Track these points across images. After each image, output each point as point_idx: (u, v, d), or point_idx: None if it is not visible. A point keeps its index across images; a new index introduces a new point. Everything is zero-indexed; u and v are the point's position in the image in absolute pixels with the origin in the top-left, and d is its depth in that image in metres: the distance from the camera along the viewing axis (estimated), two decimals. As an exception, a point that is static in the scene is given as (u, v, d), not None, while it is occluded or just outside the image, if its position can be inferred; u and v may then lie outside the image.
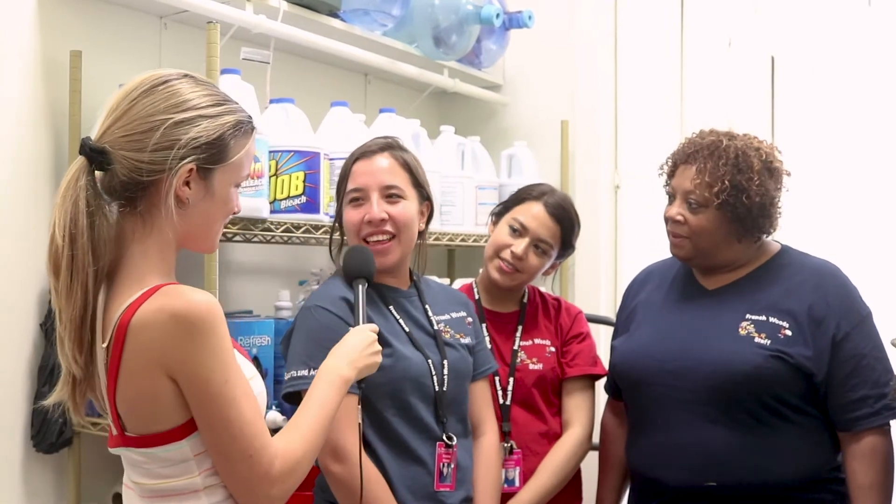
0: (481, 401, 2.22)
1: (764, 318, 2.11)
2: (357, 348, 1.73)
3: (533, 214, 2.37)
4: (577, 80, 3.51)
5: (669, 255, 2.35)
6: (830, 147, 4.21)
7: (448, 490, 2.04)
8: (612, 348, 2.36)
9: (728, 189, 2.09)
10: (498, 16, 3.20)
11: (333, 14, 2.81)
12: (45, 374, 2.30)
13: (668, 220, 2.21)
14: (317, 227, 2.47)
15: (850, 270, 2.22)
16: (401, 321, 2.05)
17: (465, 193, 3.14)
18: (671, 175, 2.23)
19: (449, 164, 3.11)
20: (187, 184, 1.47)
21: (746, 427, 2.07)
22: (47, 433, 2.29)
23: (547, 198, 2.39)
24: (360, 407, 1.83)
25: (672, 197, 2.22)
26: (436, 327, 2.12)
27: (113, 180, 1.45)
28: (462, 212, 3.12)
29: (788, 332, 2.08)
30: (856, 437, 2.09)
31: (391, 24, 2.97)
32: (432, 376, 2.04)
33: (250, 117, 1.56)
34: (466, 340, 2.18)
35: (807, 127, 4.27)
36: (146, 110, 1.45)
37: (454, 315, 2.19)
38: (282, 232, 2.40)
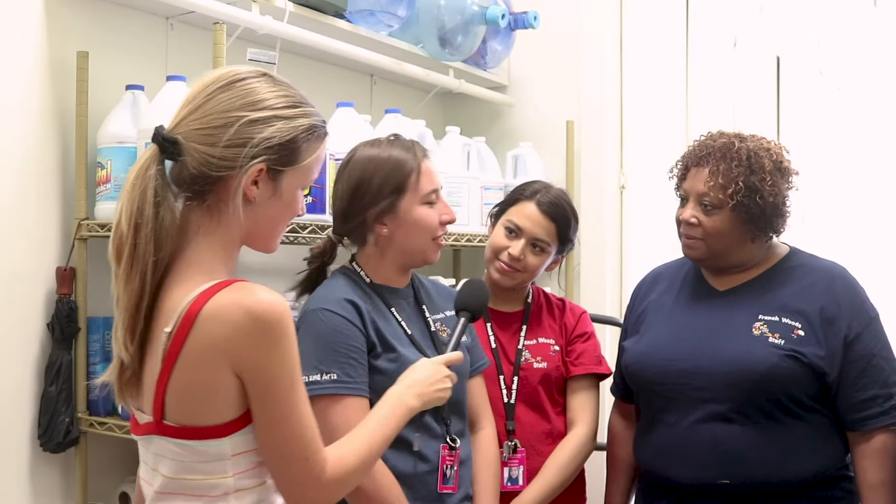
0: (478, 396, 2.21)
1: (776, 318, 2.12)
2: (426, 381, 1.75)
3: (527, 214, 2.37)
4: (583, 81, 3.51)
5: (676, 257, 2.36)
6: (835, 147, 4.21)
7: (451, 491, 2.05)
8: (623, 349, 2.36)
9: (742, 190, 2.10)
10: (503, 16, 3.20)
11: (339, 15, 2.81)
12: (52, 374, 2.31)
13: (682, 222, 2.21)
14: (323, 228, 2.47)
15: (854, 271, 2.23)
16: (403, 323, 2.05)
17: (470, 194, 3.14)
18: (682, 178, 2.23)
19: (454, 164, 3.12)
20: (255, 183, 1.47)
21: (760, 425, 2.08)
22: (54, 432, 2.30)
23: (540, 196, 2.38)
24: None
25: (684, 199, 2.22)
26: (433, 328, 2.11)
27: (182, 172, 1.46)
28: (468, 212, 3.13)
29: (801, 333, 2.10)
30: (865, 436, 2.10)
31: (397, 25, 2.98)
32: None
33: (324, 122, 1.55)
34: (463, 339, 2.17)
35: (812, 127, 4.27)
36: (222, 105, 1.45)
37: (448, 314, 2.18)
38: (288, 232, 2.41)
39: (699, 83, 3.84)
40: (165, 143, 1.45)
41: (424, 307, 2.13)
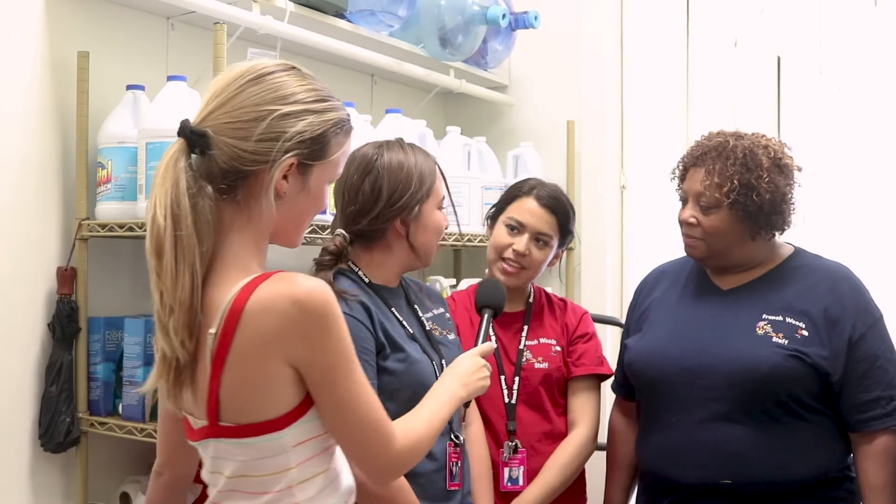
0: None
1: (780, 318, 2.12)
2: (468, 372, 1.77)
3: (528, 210, 2.39)
4: (583, 81, 3.51)
5: (676, 256, 2.36)
6: (836, 148, 4.21)
7: (457, 488, 2.06)
8: (625, 347, 2.36)
9: (738, 188, 2.10)
10: (504, 16, 3.20)
11: (340, 15, 2.81)
12: (53, 374, 2.31)
13: (682, 223, 2.21)
14: (322, 228, 2.47)
15: (856, 272, 2.22)
16: (404, 323, 2.05)
17: (471, 194, 3.15)
18: (682, 178, 2.24)
19: (455, 164, 3.12)
20: (285, 177, 1.45)
21: (763, 425, 2.08)
22: (55, 432, 2.30)
23: (538, 191, 2.40)
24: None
25: (685, 201, 2.22)
26: (427, 327, 2.12)
27: (212, 166, 1.42)
28: (468, 212, 3.13)
29: (805, 333, 2.09)
30: (868, 437, 2.10)
31: (397, 25, 2.98)
32: (436, 377, 2.02)
33: (349, 116, 1.55)
34: (452, 336, 2.19)
35: (812, 127, 4.27)
36: (253, 99, 1.43)
37: (436, 312, 2.19)
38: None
39: (700, 83, 3.84)
40: (194, 137, 1.41)
41: (416, 306, 2.13)
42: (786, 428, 2.08)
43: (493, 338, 2.39)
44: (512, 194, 2.44)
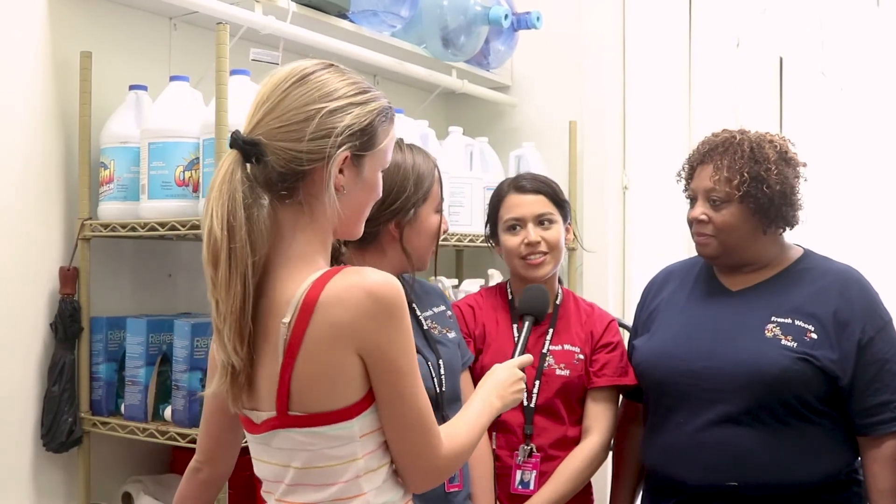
0: (466, 392, 2.18)
1: (789, 320, 2.11)
2: (504, 384, 1.77)
3: (517, 203, 2.40)
4: (585, 81, 3.51)
5: (679, 257, 2.36)
6: (838, 148, 4.21)
7: (457, 489, 2.04)
8: (633, 348, 2.35)
9: (748, 181, 2.10)
10: (506, 17, 3.20)
11: (342, 15, 2.81)
12: (55, 374, 2.31)
13: (693, 221, 2.20)
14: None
15: (862, 272, 2.21)
16: None
17: (473, 194, 3.14)
18: (689, 178, 2.24)
19: (457, 164, 3.12)
20: (341, 171, 1.48)
21: (769, 427, 2.07)
22: (57, 432, 2.30)
23: (514, 183, 2.44)
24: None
25: (693, 200, 2.22)
26: (425, 326, 2.10)
27: (269, 173, 1.46)
28: (470, 212, 3.12)
29: (814, 336, 2.09)
30: (876, 441, 2.09)
31: (400, 26, 2.98)
32: (432, 378, 2.02)
33: (391, 104, 1.59)
34: (452, 335, 2.17)
35: (815, 128, 4.27)
36: (300, 100, 1.47)
37: (436, 310, 2.17)
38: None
39: (702, 83, 3.84)
40: (247, 147, 1.45)
41: (414, 305, 2.11)
42: (793, 431, 2.08)
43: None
44: (495, 202, 2.46)
